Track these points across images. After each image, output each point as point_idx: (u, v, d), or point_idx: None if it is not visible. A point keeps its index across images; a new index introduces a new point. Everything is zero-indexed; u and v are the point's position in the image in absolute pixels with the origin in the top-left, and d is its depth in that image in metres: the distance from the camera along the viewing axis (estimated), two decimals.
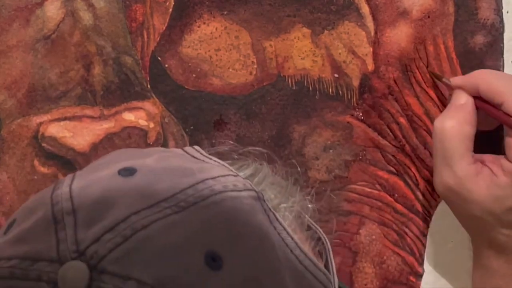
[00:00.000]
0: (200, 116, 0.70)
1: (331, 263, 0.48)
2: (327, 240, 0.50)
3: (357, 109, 0.70)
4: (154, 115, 0.70)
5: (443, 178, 0.63)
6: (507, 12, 0.69)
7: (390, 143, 0.71)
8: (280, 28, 0.69)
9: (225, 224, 0.39)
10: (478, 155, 0.64)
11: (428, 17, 0.69)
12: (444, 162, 0.63)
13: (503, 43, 0.69)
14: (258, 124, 0.70)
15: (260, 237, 0.40)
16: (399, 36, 0.69)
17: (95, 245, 0.36)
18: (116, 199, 0.38)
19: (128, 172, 0.40)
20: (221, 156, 0.48)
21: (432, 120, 0.70)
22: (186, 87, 0.70)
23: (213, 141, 0.70)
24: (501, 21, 0.69)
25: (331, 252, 0.49)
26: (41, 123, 0.70)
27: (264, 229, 0.40)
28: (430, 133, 0.70)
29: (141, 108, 0.70)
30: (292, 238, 0.42)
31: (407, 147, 0.71)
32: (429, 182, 0.71)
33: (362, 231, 0.71)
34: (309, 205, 0.52)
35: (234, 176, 0.42)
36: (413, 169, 0.71)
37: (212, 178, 0.40)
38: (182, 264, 0.36)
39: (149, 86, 0.70)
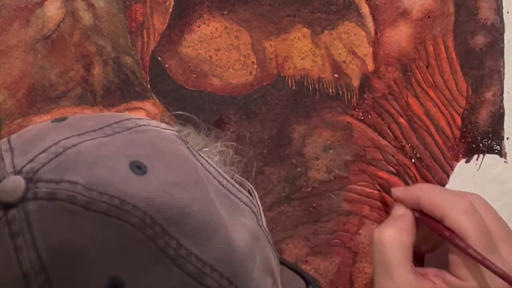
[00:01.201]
0: (200, 116, 0.70)
1: (258, 203, 0.52)
2: (251, 187, 0.54)
3: (357, 109, 0.70)
4: (154, 115, 0.70)
5: (383, 286, 0.63)
6: (508, 12, 0.69)
7: (390, 143, 0.71)
8: (280, 28, 0.69)
9: (149, 143, 0.43)
10: (420, 269, 0.64)
11: (428, 17, 0.69)
12: (384, 270, 0.63)
13: (503, 43, 0.69)
14: (258, 124, 0.70)
15: (182, 157, 0.44)
16: (399, 36, 0.69)
17: (30, 164, 0.40)
18: (48, 134, 0.42)
19: (59, 120, 0.45)
20: None
21: (432, 120, 0.70)
22: (186, 87, 0.70)
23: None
24: (502, 21, 0.69)
25: (256, 194, 0.53)
26: None
27: (185, 154, 0.45)
28: (430, 133, 0.70)
29: (141, 108, 0.70)
30: (215, 168, 0.47)
31: (407, 147, 0.71)
32: (429, 182, 0.71)
33: (362, 231, 0.71)
34: (229, 154, 0.57)
35: (162, 122, 0.48)
36: (413, 169, 0.71)
37: (137, 118, 0.45)
38: (110, 169, 0.40)
39: (149, 86, 0.70)
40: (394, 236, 0.63)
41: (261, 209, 0.51)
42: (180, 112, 0.67)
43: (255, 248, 0.46)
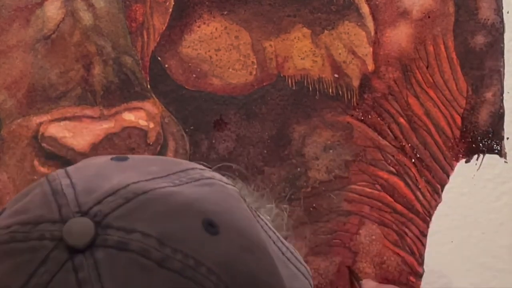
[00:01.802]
0: (200, 116, 0.70)
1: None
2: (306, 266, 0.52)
3: (357, 109, 0.70)
4: (154, 115, 0.70)
5: None
6: (508, 12, 0.69)
7: (390, 143, 0.71)
8: (280, 28, 0.69)
9: (219, 200, 0.41)
10: None
11: (428, 17, 0.69)
12: None
13: (503, 43, 0.69)
14: (258, 124, 0.70)
15: (249, 219, 0.42)
16: (399, 36, 0.69)
17: (97, 206, 0.37)
18: (113, 174, 0.39)
19: (120, 158, 0.42)
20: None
21: (432, 120, 0.70)
22: (186, 87, 0.70)
23: (213, 141, 0.70)
24: (502, 21, 0.69)
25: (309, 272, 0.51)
26: (41, 123, 0.70)
27: (250, 215, 0.42)
28: (430, 133, 0.70)
29: (141, 108, 0.70)
30: (274, 232, 0.44)
31: (407, 147, 0.71)
32: (429, 182, 0.71)
33: (362, 231, 0.71)
34: (284, 218, 0.54)
35: (222, 175, 0.44)
36: (413, 170, 0.71)
37: (201, 169, 0.43)
38: (183, 224, 0.37)
39: (149, 86, 0.70)
40: None
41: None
42: (228, 164, 0.63)
43: None
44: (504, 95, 0.71)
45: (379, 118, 0.70)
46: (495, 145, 0.71)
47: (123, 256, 0.35)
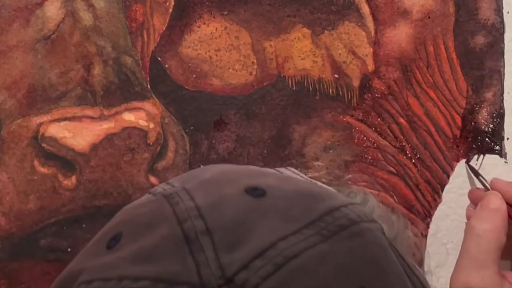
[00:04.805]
0: (200, 116, 0.70)
1: None
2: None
3: (357, 110, 0.70)
4: (154, 116, 0.70)
5: (468, 278, 0.62)
6: (508, 12, 0.69)
7: (390, 143, 0.71)
8: (280, 28, 0.69)
9: (371, 260, 0.35)
10: (501, 271, 0.63)
11: (429, 17, 0.69)
12: (475, 265, 0.62)
13: (503, 44, 0.69)
14: (258, 125, 0.70)
15: (399, 274, 0.37)
16: (400, 36, 0.69)
17: (244, 272, 0.31)
18: (254, 222, 0.33)
19: (257, 192, 0.36)
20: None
21: (432, 120, 0.70)
22: (186, 87, 0.70)
23: (213, 141, 0.70)
24: (502, 21, 0.69)
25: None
26: (41, 124, 0.70)
27: (398, 266, 0.37)
28: (430, 133, 0.70)
29: (141, 108, 0.70)
30: (415, 275, 0.39)
31: (407, 148, 0.71)
32: (429, 182, 0.71)
33: None
34: (414, 240, 0.48)
35: (359, 204, 0.39)
36: (413, 170, 0.71)
37: (344, 206, 0.37)
38: None
39: (149, 86, 0.70)
40: (492, 232, 0.62)
41: None
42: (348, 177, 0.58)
43: None
44: (504, 95, 0.71)
45: (379, 118, 0.70)
46: (495, 145, 0.71)
47: None
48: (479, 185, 0.69)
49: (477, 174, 0.68)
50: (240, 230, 0.33)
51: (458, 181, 0.71)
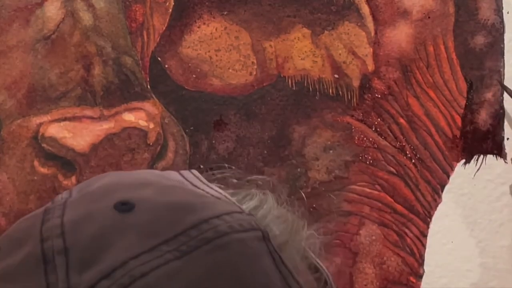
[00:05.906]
0: (200, 116, 0.70)
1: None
2: (332, 282, 0.47)
3: (357, 110, 0.70)
4: (154, 116, 0.70)
5: None
6: (508, 13, 0.69)
7: (390, 143, 0.71)
8: (280, 28, 0.69)
9: (230, 274, 0.36)
10: None
11: (428, 17, 0.69)
12: None
13: (503, 44, 0.69)
14: (258, 125, 0.70)
15: (265, 284, 0.37)
16: (399, 36, 0.69)
17: None
18: (112, 239, 0.34)
19: (125, 207, 0.36)
20: (221, 183, 0.45)
21: (432, 121, 0.70)
22: (186, 87, 0.70)
23: (213, 141, 0.70)
24: (502, 21, 0.69)
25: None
26: (41, 124, 0.70)
27: (270, 276, 0.37)
28: (430, 133, 0.70)
29: (141, 108, 0.70)
30: (298, 283, 0.39)
31: (407, 148, 0.71)
32: (429, 182, 0.71)
33: (362, 232, 0.71)
34: (316, 241, 0.49)
35: (240, 213, 0.39)
36: (413, 170, 0.71)
37: (217, 217, 0.37)
38: None
39: (149, 86, 0.70)
40: None
41: None
42: (261, 177, 0.57)
43: None
44: (504, 95, 0.71)
45: (379, 119, 0.70)
46: (495, 146, 0.71)
47: None
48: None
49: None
50: (96, 248, 0.33)
51: (458, 181, 0.71)
